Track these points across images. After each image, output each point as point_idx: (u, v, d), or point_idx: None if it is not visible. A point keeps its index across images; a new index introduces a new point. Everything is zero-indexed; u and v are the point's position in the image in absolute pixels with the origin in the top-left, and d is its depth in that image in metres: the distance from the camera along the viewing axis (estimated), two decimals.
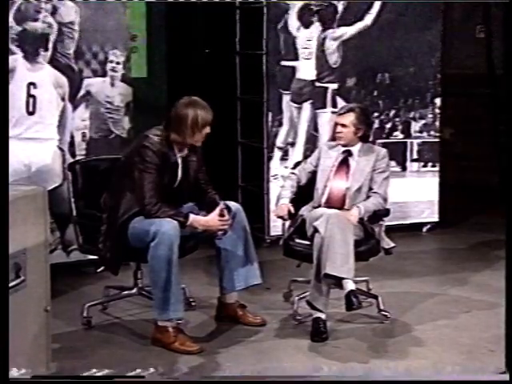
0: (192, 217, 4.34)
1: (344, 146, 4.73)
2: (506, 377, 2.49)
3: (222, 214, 4.40)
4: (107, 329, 4.60)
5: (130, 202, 4.37)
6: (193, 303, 4.86)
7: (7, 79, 4.44)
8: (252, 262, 4.59)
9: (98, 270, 5.06)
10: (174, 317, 4.26)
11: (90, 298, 4.81)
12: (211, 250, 4.68)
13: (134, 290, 4.76)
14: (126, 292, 4.81)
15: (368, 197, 4.66)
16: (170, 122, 4.41)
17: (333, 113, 5.81)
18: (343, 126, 4.68)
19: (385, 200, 4.71)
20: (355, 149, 4.74)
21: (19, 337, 3.22)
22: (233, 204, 4.59)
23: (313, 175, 4.80)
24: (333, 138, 4.89)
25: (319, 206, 4.69)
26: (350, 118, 4.66)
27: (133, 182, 4.34)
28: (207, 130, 4.42)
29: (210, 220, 4.40)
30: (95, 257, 4.67)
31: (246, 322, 4.62)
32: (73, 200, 4.65)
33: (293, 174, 4.92)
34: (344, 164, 4.72)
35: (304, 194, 4.78)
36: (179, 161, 4.46)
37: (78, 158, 5.37)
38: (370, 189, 4.69)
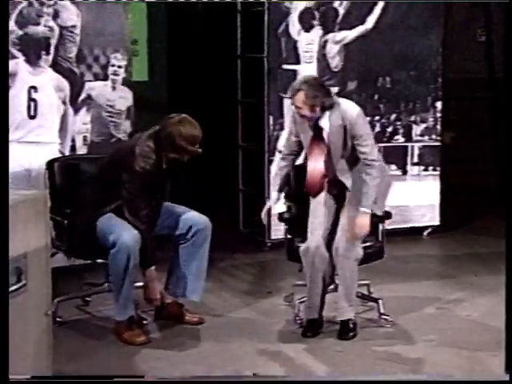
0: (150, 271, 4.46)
1: (311, 122, 4.45)
2: (506, 377, 2.44)
3: None
4: (76, 324, 4.67)
5: (103, 203, 4.47)
6: None
7: (7, 83, 4.42)
8: (199, 279, 4.67)
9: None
10: (124, 314, 4.43)
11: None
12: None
13: (105, 286, 4.82)
14: (96, 288, 4.90)
15: (364, 168, 4.39)
16: (159, 139, 4.43)
17: None
18: (298, 107, 4.40)
19: (378, 164, 4.42)
20: (325, 121, 4.41)
21: (20, 341, 3.22)
22: (202, 219, 4.64)
23: (301, 143, 4.59)
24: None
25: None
26: (300, 99, 4.36)
27: (119, 185, 4.40)
28: (197, 148, 4.43)
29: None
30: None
31: (183, 320, 4.70)
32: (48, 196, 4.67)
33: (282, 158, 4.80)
34: (317, 140, 4.45)
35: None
36: (165, 168, 4.50)
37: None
38: (359, 159, 4.41)
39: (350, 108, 4.43)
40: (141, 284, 4.58)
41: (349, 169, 4.46)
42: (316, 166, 4.45)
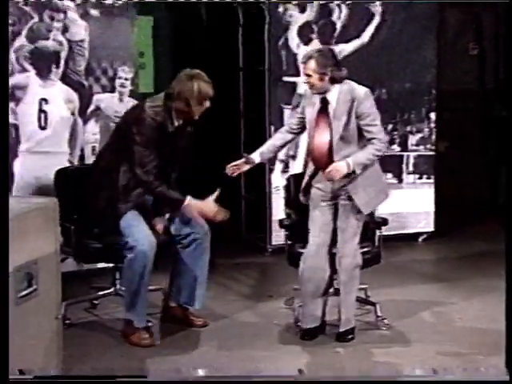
0: (188, 199, 4.33)
1: (319, 93, 4.35)
2: (506, 377, 2.33)
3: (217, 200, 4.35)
4: (84, 326, 4.67)
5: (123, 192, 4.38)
6: None
7: (7, 87, 4.30)
8: (200, 288, 4.63)
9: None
10: (136, 320, 4.39)
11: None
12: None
13: (111, 290, 4.83)
14: (103, 292, 4.89)
15: (364, 146, 4.31)
16: (172, 92, 4.33)
17: None
18: (307, 75, 4.31)
19: (383, 143, 4.35)
20: (333, 95, 4.31)
21: (32, 343, 3.23)
22: (202, 227, 4.56)
23: (303, 122, 4.49)
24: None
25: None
26: (311, 66, 4.27)
27: (129, 157, 4.32)
28: (207, 103, 4.36)
29: (206, 205, 4.38)
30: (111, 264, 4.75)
31: (188, 323, 4.66)
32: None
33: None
34: (323, 114, 4.35)
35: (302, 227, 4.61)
36: (175, 131, 4.40)
37: None
38: (364, 138, 4.31)
39: (359, 86, 4.34)
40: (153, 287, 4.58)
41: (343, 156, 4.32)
42: (322, 139, 4.34)
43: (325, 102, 4.34)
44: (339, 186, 4.36)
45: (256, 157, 4.59)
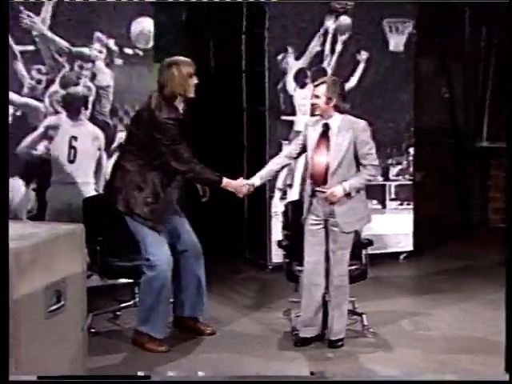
0: (225, 179, 4.33)
1: (321, 116, 4.34)
2: (506, 377, 2.29)
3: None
4: (107, 334, 4.63)
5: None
6: None
7: (7, 88, 4.13)
8: (201, 298, 4.55)
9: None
10: (153, 332, 4.32)
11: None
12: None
13: (131, 303, 4.78)
14: (124, 304, 4.84)
15: (364, 167, 4.30)
16: (161, 85, 4.25)
17: None
18: (316, 96, 4.30)
19: (376, 169, 4.40)
20: (334, 122, 4.31)
21: (59, 353, 3.20)
22: (195, 247, 4.49)
23: (303, 148, 4.46)
24: (312, 113, 4.59)
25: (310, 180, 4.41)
26: (321, 89, 4.28)
27: (161, 158, 4.19)
28: (194, 79, 4.30)
29: (239, 185, 4.40)
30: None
31: (198, 332, 4.57)
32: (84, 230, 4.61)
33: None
34: (324, 138, 4.32)
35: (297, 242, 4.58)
36: (184, 115, 4.32)
37: None
38: (360, 164, 4.30)
39: (358, 119, 4.36)
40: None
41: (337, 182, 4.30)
42: (320, 159, 4.32)
43: (327, 127, 4.33)
44: (330, 210, 4.33)
45: (256, 180, 4.55)
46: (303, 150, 4.46)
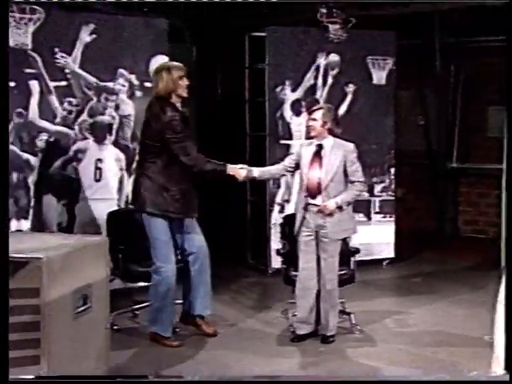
0: (229, 165, 4.21)
1: (316, 138, 4.33)
2: (506, 377, 2.17)
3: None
4: (128, 331, 4.57)
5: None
6: None
7: (7, 89, 4.06)
8: (207, 298, 4.41)
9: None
10: (161, 331, 4.25)
11: None
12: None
13: (147, 303, 4.67)
14: (142, 305, 4.76)
15: (348, 187, 4.30)
16: (157, 91, 4.15)
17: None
18: (313, 119, 4.32)
19: (363, 185, 4.39)
20: (327, 143, 4.31)
21: (85, 350, 3.15)
22: (202, 249, 4.36)
23: (296, 165, 4.42)
24: (307, 137, 4.57)
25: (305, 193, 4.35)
26: (318, 114, 4.30)
27: (173, 153, 4.06)
28: (185, 81, 4.14)
29: (239, 168, 4.26)
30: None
31: (200, 330, 4.43)
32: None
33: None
34: (317, 156, 4.31)
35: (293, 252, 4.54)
36: (185, 113, 4.21)
37: None
38: (347, 179, 4.29)
39: (348, 142, 4.37)
40: (179, 301, 4.46)
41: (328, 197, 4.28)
42: (314, 174, 4.31)
43: (320, 147, 4.33)
44: (320, 223, 4.30)
45: (256, 171, 4.46)
46: (296, 167, 4.44)
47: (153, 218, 4.18)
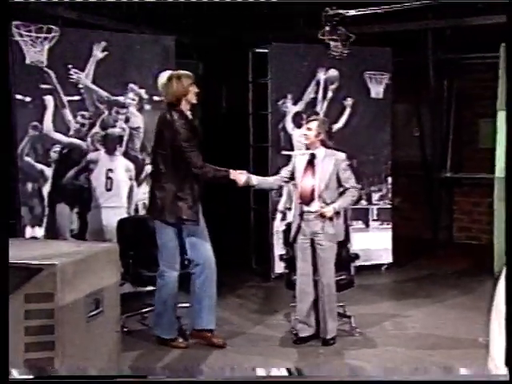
0: (231, 171, 4.17)
1: (309, 148, 4.35)
2: (506, 377, 2.14)
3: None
4: (138, 333, 4.55)
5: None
6: None
7: (7, 90, 4.03)
8: (211, 312, 4.27)
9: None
10: (162, 334, 4.22)
11: None
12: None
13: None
14: (151, 308, 4.72)
15: (342, 193, 4.30)
16: (169, 99, 4.10)
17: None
18: (308, 129, 4.33)
19: (357, 191, 4.43)
20: (319, 153, 4.32)
21: (98, 350, 3.13)
22: (209, 253, 4.26)
23: (292, 175, 4.42)
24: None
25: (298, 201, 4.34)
26: (313, 124, 4.32)
27: (179, 159, 4.03)
28: (195, 88, 4.10)
29: (240, 173, 4.22)
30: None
31: (209, 342, 4.26)
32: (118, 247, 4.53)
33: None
34: (310, 165, 4.32)
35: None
36: (193, 121, 4.17)
37: None
38: (341, 186, 4.31)
39: (339, 152, 4.38)
40: (186, 305, 4.41)
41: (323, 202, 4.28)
42: (307, 183, 4.31)
43: (313, 156, 4.34)
44: (316, 229, 4.28)
45: (254, 179, 4.42)
46: (291, 177, 4.44)
47: (163, 224, 4.16)
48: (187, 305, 4.41)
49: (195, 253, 4.26)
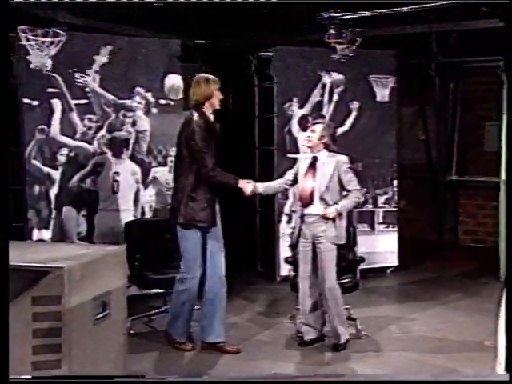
0: (240, 180, 4.17)
1: (312, 149, 4.35)
2: (506, 377, 2.08)
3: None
4: (144, 335, 4.56)
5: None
6: None
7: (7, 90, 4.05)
8: (221, 326, 4.22)
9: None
10: (176, 335, 4.21)
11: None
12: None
13: (163, 309, 4.73)
14: (157, 310, 4.75)
15: (346, 195, 4.30)
16: (195, 100, 4.11)
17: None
18: (313, 131, 4.35)
19: (360, 192, 4.43)
20: (321, 156, 4.32)
21: (105, 352, 3.14)
22: (223, 273, 4.20)
23: (295, 178, 4.42)
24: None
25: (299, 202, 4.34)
26: (318, 127, 4.34)
27: (193, 162, 4.02)
28: (220, 94, 4.13)
29: (247, 182, 4.21)
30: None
31: (224, 352, 4.19)
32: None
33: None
34: (312, 168, 4.32)
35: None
36: (213, 125, 4.18)
37: None
38: (344, 189, 4.30)
39: (340, 154, 4.38)
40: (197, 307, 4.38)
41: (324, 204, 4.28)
42: (307, 184, 4.31)
43: (315, 159, 4.34)
44: (317, 232, 4.27)
45: (260, 187, 4.44)
46: (296, 180, 4.44)
47: (185, 229, 4.12)
48: (197, 307, 4.40)
49: (210, 265, 4.20)
